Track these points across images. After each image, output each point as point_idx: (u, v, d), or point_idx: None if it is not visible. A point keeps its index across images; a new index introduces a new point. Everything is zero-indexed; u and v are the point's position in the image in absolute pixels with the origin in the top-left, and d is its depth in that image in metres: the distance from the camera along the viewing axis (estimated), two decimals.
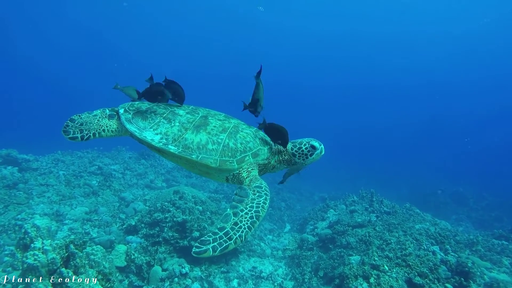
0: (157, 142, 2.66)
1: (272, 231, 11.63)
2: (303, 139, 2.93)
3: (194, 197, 7.96)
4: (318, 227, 9.01)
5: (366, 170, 27.20)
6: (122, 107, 2.99)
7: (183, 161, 2.77)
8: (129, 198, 9.55)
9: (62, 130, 2.79)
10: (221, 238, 2.20)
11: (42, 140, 18.63)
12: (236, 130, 2.83)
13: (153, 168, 13.38)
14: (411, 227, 8.12)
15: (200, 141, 2.67)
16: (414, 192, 20.50)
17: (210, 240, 2.17)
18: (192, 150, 2.63)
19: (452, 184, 21.20)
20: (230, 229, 2.27)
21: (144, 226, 6.83)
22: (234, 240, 2.21)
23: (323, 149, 2.90)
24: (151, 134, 2.72)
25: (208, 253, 2.09)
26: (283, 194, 17.06)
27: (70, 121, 2.83)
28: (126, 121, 2.84)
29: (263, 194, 2.56)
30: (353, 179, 24.22)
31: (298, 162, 2.92)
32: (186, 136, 2.69)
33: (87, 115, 2.92)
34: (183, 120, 2.81)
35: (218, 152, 2.65)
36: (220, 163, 2.62)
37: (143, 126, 2.79)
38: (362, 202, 10.34)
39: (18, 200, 7.73)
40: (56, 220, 7.47)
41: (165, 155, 2.83)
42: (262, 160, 2.82)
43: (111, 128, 2.96)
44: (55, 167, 10.56)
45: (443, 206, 17.83)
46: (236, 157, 2.68)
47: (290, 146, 2.91)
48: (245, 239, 2.29)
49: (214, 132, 2.74)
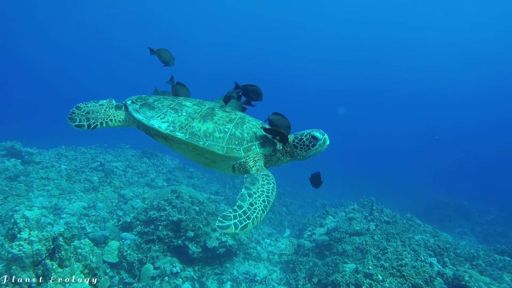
0: (164, 129, 2.69)
1: (270, 235, 11.55)
2: (305, 130, 2.87)
3: (192, 197, 7.93)
4: (316, 233, 8.91)
5: (371, 179, 26.95)
6: (130, 99, 3.04)
7: (189, 149, 2.77)
8: (128, 195, 9.56)
9: (67, 117, 2.82)
10: (240, 216, 2.23)
11: (47, 134, 18.86)
12: (243, 121, 2.85)
13: (155, 167, 13.41)
14: (410, 238, 7.98)
15: (207, 129, 2.70)
16: (419, 203, 20.24)
17: (231, 217, 2.20)
18: (199, 137, 2.65)
19: (457, 197, 20.86)
20: (247, 209, 2.30)
21: (139, 223, 6.82)
22: (252, 220, 2.24)
23: (327, 139, 2.77)
24: (158, 122, 2.76)
25: (230, 229, 2.13)
26: (285, 199, 16.98)
27: (76, 108, 2.88)
28: (134, 111, 2.88)
29: (271, 182, 2.59)
30: (357, 187, 24.01)
31: (300, 154, 2.86)
32: (193, 124, 2.72)
33: (93, 104, 2.97)
34: (190, 111, 2.85)
35: (225, 140, 2.67)
36: (227, 151, 2.63)
37: (151, 115, 2.83)
38: (363, 210, 10.21)
39: (18, 192, 7.78)
40: (54, 213, 7.50)
41: (172, 143, 2.84)
42: (268, 151, 2.82)
43: (119, 118, 3.01)
44: (58, 162, 10.63)
45: (447, 219, 17.55)
46: (243, 146, 2.69)
47: (292, 138, 2.87)
48: (261, 220, 2.33)
49: (221, 122, 2.77)
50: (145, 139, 11.05)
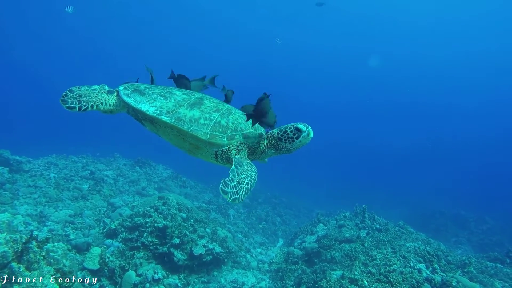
0: (151, 112, 2.77)
1: (263, 244, 11.41)
2: (289, 123, 2.88)
3: (179, 204, 7.84)
4: (306, 241, 8.79)
5: (369, 189, 26.85)
6: (122, 85, 3.12)
7: (174, 133, 2.82)
8: (118, 204, 9.44)
9: (60, 99, 2.90)
10: (232, 189, 2.38)
11: (38, 143, 18.76)
12: (229, 112, 2.93)
13: (146, 176, 13.31)
14: (402, 245, 7.86)
15: (193, 116, 2.77)
16: (415, 213, 20.12)
17: (229, 186, 2.37)
18: (184, 122, 2.72)
19: (454, 206, 20.75)
20: (236, 184, 2.43)
21: (124, 230, 6.71)
22: (238, 196, 2.40)
23: (311, 131, 2.78)
24: (146, 105, 2.85)
25: (227, 197, 2.31)
26: (280, 209, 16.87)
27: (69, 91, 2.99)
28: (125, 95, 2.96)
29: (254, 170, 2.70)
30: (355, 197, 23.88)
31: (284, 146, 2.87)
32: (180, 110, 2.80)
33: (86, 88, 3.10)
34: (179, 99, 2.95)
35: (209, 127, 2.74)
36: (210, 136, 2.70)
37: (140, 100, 2.92)
38: (355, 218, 10.09)
39: (2, 199, 7.68)
40: (38, 221, 7.39)
41: (158, 127, 2.90)
42: (252, 142, 2.89)
43: (109, 102, 3.09)
44: (47, 170, 10.54)
45: (443, 228, 17.46)
46: (227, 134, 2.76)
47: (277, 131, 2.90)
48: (242, 200, 2.44)
49: (208, 111, 2.85)
50: (138, 147, 10.99)
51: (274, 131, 2.91)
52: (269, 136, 2.97)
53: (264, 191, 18.50)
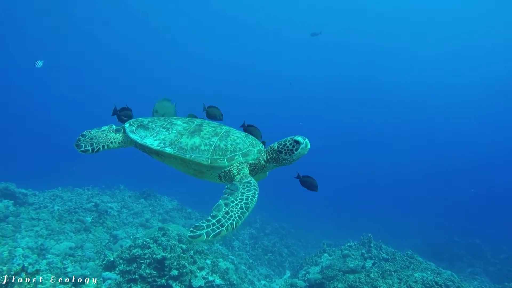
0: (155, 146, 3.03)
1: (268, 276, 11.10)
2: (287, 137, 3.10)
3: (180, 235, 7.75)
4: (310, 272, 8.54)
5: (378, 219, 26.17)
6: (128, 122, 3.43)
7: (178, 161, 3.07)
8: (121, 236, 9.38)
9: (74, 144, 3.23)
10: (214, 224, 2.38)
11: (45, 175, 19.00)
12: (227, 134, 3.14)
13: (151, 208, 13.29)
14: (409, 275, 7.57)
15: (194, 143, 3.00)
16: (427, 243, 19.47)
17: (204, 226, 2.35)
18: (186, 151, 2.95)
19: (468, 235, 20.02)
20: (222, 217, 2.45)
21: (122, 262, 6.62)
22: (226, 227, 2.38)
23: (308, 143, 3.01)
24: (151, 140, 3.11)
25: (202, 238, 2.27)
26: (287, 240, 16.53)
27: (82, 136, 3.32)
28: (130, 132, 3.25)
29: (252, 189, 2.77)
30: (364, 227, 23.30)
31: (285, 158, 3.07)
32: (181, 140, 3.04)
33: (96, 131, 3.42)
34: (180, 129, 3.19)
35: (209, 152, 2.95)
36: (211, 161, 2.90)
37: (145, 135, 3.18)
38: (361, 248, 9.82)
39: (4, 232, 7.71)
40: (39, 254, 7.35)
41: (163, 157, 3.16)
42: (252, 159, 3.09)
43: (117, 140, 3.41)
44: (52, 202, 10.62)
45: (457, 258, 16.78)
46: (227, 156, 2.96)
47: (276, 144, 3.11)
48: (236, 227, 2.46)
49: (207, 136, 3.07)
50: (145, 179, 11.14)
51: (274, 145, 3.14)
52: (269, 151, 3.18)
53: (271, 222, 18.24)
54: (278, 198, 28.44)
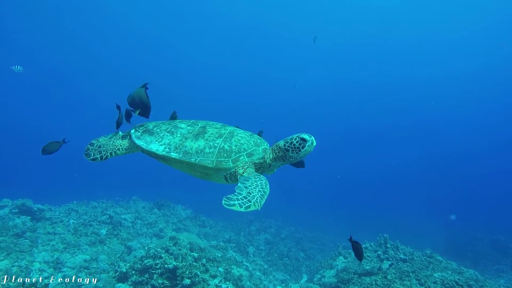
0: (161, 151, 3.07)
1: (284, 281, 10.95)
2: (293, 135, 3.11)
3: (191, 243, 7.74)
4: (326, 275, 8.37)
5: (395, 219, 25.60)
6: (133, 128, 3.49)
7: (184, 165, 3.09)
8: (135, 246, 9.46)
9: (84, 153, 3.30)
10: (243, 199, 2.50)
11: (60, 191, 19.35)
12: (231, 135, 3.16)
13: (165, 218, 13.36)
14: (429, 276, 7.33)
15: (198, 147, 3.03)
16: (450, 241, 18.89)
17: (235, 199, 2.48)
18: (191, 155, 2.98)
19: (492, 232, 19.35)
20: (247, 195, 2.56)
21: (134, 273, 6.65)
22: (253, 202, 2.49)
23: (314, 140, 3.04)
24: (156, 145, 3.14)
25: (236, 207, 2.40)
26: (304, 243, 16.33)
27: (90, 145, 3.38)
28: (136, 138, 3.30)
29: (263, 178, 2.87)
30: (382, 227, 22.81)
31: (292, 156, 3.09)
32: (186, 144, 3.07)
33: (103, 138, 3.49)
34: (184, 132, 3.22)
35: (214, 154, 2.97)
36: (217, 163, 2.94)
37: (150, 140, 3.22)
38: (378, 249, 9.59)
39: (21, 248, 7.86)
40: (54, 267, 7.47)
41: (169, 162, 3.19)
42: (257, 159, 3.11)
43: (124, 147, 3.45)
44: (67, 217, 10.78)
45: (482, 256, 16.22)
46: (231, 157, 2.98)
47: (282, 143, 3.12)
48: (260, 205, 2.54)
49: (211, 138, 3.09)
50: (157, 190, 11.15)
51: (280, 143, 3.13)
52: (275, 149, 3.19)
53: (286, 227, 18.06)
54: (293, 202, 28.23)
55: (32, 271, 6.89)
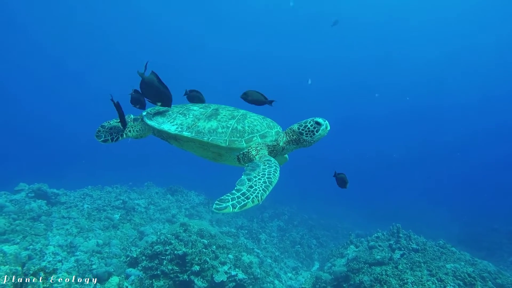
0: (173, 131, 3.06)
1: (295, 269, 10.98)
2: (308, 119, 3.09)
3: (202, 230, 7.79)
4: (336, 264, 8.32)
5: (410, 207, 25.27)
6: (145, 111, 3.44)
7: (197, 145, 3.09)
8: (147, 232, 9.60)
9: (94, 135, 3.32)
10: (239, 197, 2.38)
11: (76, 176, 19.73)
12: (244, 117, 3.15)
13: (177, 203, 13.49)
14: (441, 267, 7.20)
15: (211, 127, 3.01)
16: (465, 231, 18.55)
17: (229, 199, 2.35)
18: (203, 134, 2.97)
19: (509, 222, 18.90)
20: (246, 190, 2.45)
21: (144, 258, 6.74)
22: (251, 199, 2.37)
23: (328, 124, 3.03)
24: (168, 125, 3.14)
25: (228, 210, 2.26)
26: (316, 231, 16.28)
27: (101, 127, 3.40)
28: (148, 119, 3.28)
29: (273, 165, 2.77)
30: (397, 216, 22.55)
31: (306, 139, 3.06)
32: (198, 124, 3.06)
33: (114, 121, 3.48)
34: (197, 113, 3.22)
35: (227, 134, 2.96)
36: (229, 143, 2.92)
37: (162, 121, 3.22)
38: (390, 239, 9.46)
39: (36, 231, 8.05)
40: (68, 251, 7.64)
41: (182, 142, 3.18)
42: (270, 141, 3.10)
43: (136, 128, 3.48)
44: (81, 201, 10.99)
45: (498, 247, 15.87)
46: (244, 137, 2.97)
47: (297, 126, 3.09)
48: (262, 199, 2.44)
49: (224, 119, 3.08)
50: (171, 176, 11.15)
51: (294, 126, 3.10)
52: (289, 132, 3.15)
53: (300, 213, 18.04)
54: (308, 189, 28.13)
55: (46, 254, 7.06)
